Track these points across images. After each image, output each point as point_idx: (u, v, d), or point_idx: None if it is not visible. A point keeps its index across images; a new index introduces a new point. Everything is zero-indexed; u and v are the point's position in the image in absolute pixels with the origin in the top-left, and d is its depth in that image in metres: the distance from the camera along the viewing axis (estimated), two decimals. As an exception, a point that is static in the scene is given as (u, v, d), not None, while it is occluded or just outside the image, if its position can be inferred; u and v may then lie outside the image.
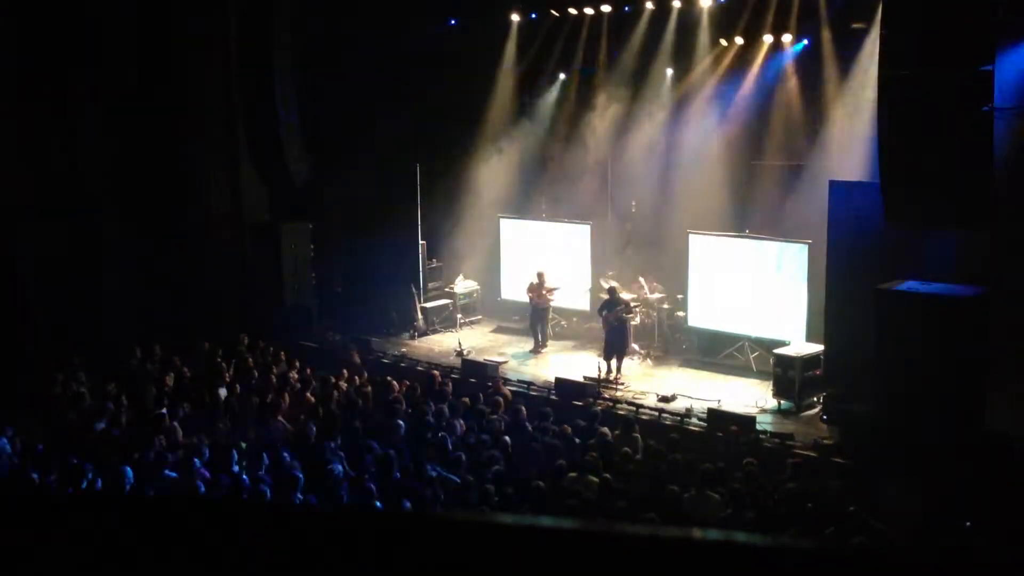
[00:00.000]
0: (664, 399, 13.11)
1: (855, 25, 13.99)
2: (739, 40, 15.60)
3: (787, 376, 12.81)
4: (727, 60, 15.87)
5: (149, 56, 16.22)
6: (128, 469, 9.19)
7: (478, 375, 14.23)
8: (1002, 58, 10.22)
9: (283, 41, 16.41)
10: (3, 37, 14.86)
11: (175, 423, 10.98)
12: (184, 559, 1.42)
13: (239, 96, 16.94)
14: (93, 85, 15.86)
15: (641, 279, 15.83)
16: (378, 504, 8.51)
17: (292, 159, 16.95)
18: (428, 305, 17.48)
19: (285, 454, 9.82)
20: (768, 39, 15.23)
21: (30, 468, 9.56)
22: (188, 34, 16.51)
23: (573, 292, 16.44)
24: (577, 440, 10.76)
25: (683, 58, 16.20)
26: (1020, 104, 10.45)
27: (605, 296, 14.73)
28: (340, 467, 9.56)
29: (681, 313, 15.63)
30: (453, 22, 17.93)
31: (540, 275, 16.01)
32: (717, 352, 15.00)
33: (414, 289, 17.31)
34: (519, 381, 14.13)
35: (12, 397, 12.05)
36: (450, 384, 13.02)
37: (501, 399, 12.28)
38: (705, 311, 15.24)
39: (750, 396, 13.30)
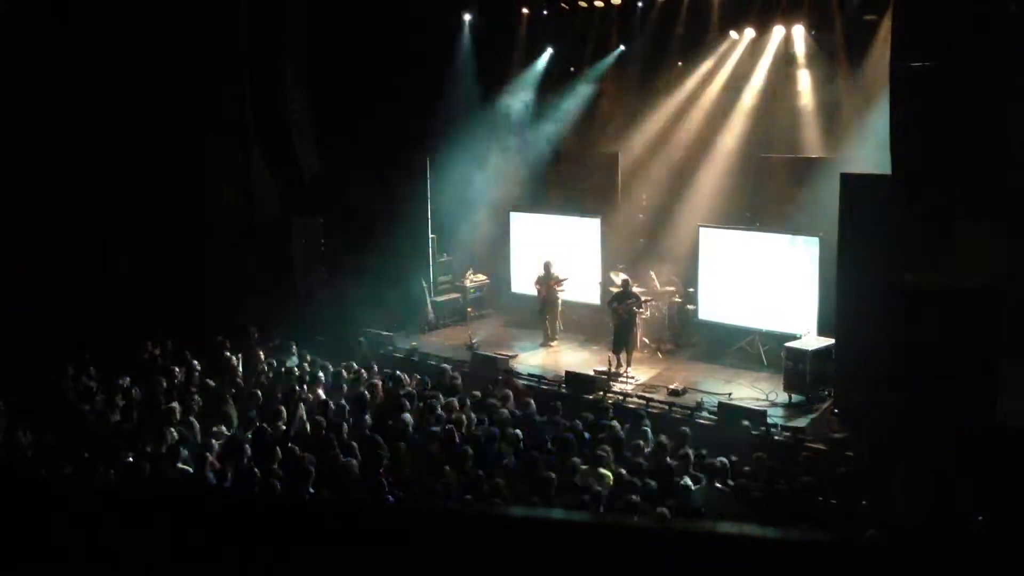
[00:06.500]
0: (674, 393, 13.08)
1: (867, 16, 13.92)
2: (750, 32, 15.54)
3: (798, 370, 12.75)
4: (738, 52, 15.82)
5: (158, 51, 16.24)
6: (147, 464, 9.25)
7: (488, 369, 14.24)
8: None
9: (293, 35, 16.40)
10: (13, 32, 14.89)
11: (186, 416, 11.01)
12: (194, 549, 1.42)
13: (249, 90, 16.94)
14: (103, 80, 15.89)
15: (651, 272, 15.79)
16: (391, 498, 8.52)
17: (302, 153, 16.95)
18: (439, 299, 17.49)
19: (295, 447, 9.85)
20: (780, 31, 15.17)
21: (42, 462, 9.61)
22: (198, 28, 16.51)
23: (582, 284, 16.39)
24: (587, 434, 10.76)
25: (693, 50, 16.15)
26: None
27: (616, 289, 14.69)
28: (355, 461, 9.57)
29: (691, 306, 15.60)
30: (466, 16, 17.92)
31: (547, 265, 15.97)
32: (728, 346, 14.97)
33: (424, 283, 17.31)
34: (529, 375, 14.12)
35: (24, 392, 12.07)
36: (460, 378, 13.03)
37: (511, 392, 12.28)
38: (716, 305, 15.20)
39: (761, 390, 13.28)
